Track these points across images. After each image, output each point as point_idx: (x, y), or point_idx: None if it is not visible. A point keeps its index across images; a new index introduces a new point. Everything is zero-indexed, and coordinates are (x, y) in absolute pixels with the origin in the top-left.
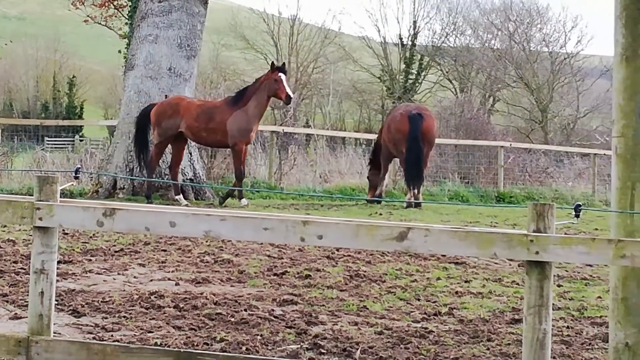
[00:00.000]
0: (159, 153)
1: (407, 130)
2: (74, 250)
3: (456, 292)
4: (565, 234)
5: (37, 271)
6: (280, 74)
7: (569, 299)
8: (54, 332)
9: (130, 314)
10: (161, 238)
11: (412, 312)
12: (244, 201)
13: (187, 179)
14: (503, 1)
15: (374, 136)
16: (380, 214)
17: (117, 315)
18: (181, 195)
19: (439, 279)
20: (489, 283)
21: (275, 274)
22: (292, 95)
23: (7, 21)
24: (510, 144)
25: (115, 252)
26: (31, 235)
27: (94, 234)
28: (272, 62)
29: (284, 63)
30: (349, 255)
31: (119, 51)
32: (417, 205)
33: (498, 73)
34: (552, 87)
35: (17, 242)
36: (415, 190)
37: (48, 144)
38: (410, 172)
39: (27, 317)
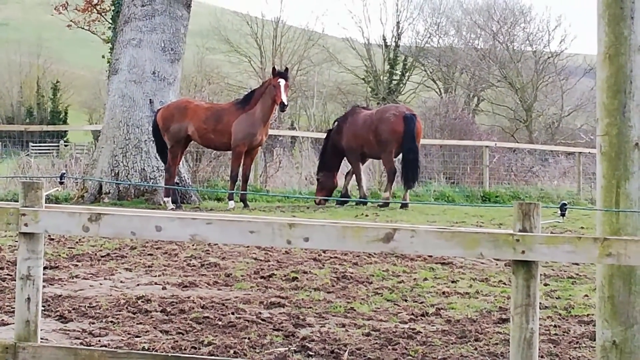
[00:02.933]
0: (175, 157)
1: (403, 131)
2: (60, 255)
3: (443, 293)
4: (551, 232)
5: (23, 277)
6: (280, 79)
7: (556, 298)
8: (41, 338)
9: (117, 318)
10: (147, 242)
11: (399, 313)
12: (232, 204)
13: (172, 183)
14: (486, 1)
15: None
16: (367, 216)
17: (104, 320)
18: (169, 199)
19: (425, 279)
20: (475, 283)
21: (262, 277)
22: (285, 102)
23: None
24: (495, 144)
25: (102, 257)
26: (17, 242)
27: (79, 239)
28: (274, 67)
29: (286, 68)
30: (336, 257)
31: (103, 56)
32: (404, 205)
33: (482, 73)
34: (536, 86)
35: (3, 248)
36: (390, 190)
37: (33, 149)
38: (411, 171)
39: (13, 323)
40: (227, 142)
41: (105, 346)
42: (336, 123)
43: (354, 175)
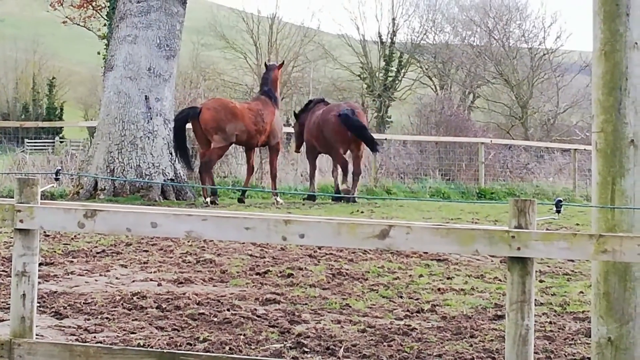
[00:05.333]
0: (221, 155)
1: (346, 129)
2: (55, 252)
3: (438, 289)
4: (547, 229)
5: (19, 273)
6: None
7: (551, 295)
8: (37, 335)
9: (112, 315)
10: (143, 239)
11: (394, 309)
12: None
13: (167, 179)
14: None
15: None
16: (362, 212)
17: (99, 317)
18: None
19: (421, 276)
20: (471, 279)
21: (257, 273)
22: None
23: None
24: (491, 141)
25: (97, 253)
26: (12, 238)
27: (75, 236)
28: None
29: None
30: (331, 254)
31: (98, 52)
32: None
33: (478, 70)
34: (532, 83)
35: None
36: (347, 181)
37: (28, 145)
38: (371, 143)
39: (9, 319)
40: (265, 140)
41: (101, 342)
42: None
43: (340, 170)
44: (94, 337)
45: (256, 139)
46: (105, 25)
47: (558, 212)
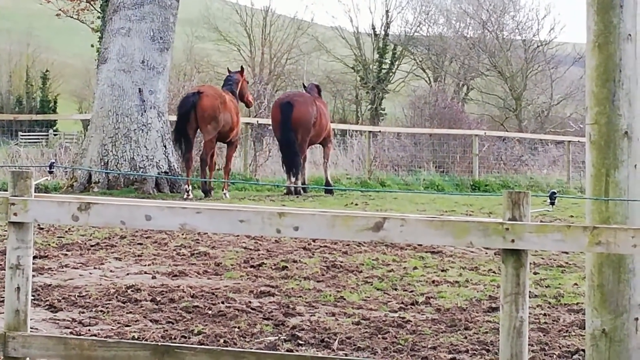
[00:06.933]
0: (213, 148)
1: (279, 120)
2: (49, 245)
3: (433, 281)
4: (541, 221)
5: (13, 267)
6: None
7: (546, 287)
8: (31, 328)
9: (107, 308)
10: (137, 232)
11: (389, 302)
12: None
13: (161, 171)
14: None
15: (348, 126)
16: (356, 205)
17: (94, 310)
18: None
19: (415, 268)
20: (465, 272)
21: (252, 266)
22: None
23: None
24: (485, 133)
25: (91, 246)
26: (6, 231)
27: (69, 229)
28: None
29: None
30: (326, 246)
31: (92, 45)
32: (298, 191)
33: (471, 62)
34: (526, 75)
35: None
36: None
37: (22, 138)
38: (287, 159)
39: (3, 313)
40: (233, 134)
41: (95, 335)
42: None
43: (328, 163)
44: (89, 330)
45: (233, 131)
46: (98, 17)
47: (552, 204)
